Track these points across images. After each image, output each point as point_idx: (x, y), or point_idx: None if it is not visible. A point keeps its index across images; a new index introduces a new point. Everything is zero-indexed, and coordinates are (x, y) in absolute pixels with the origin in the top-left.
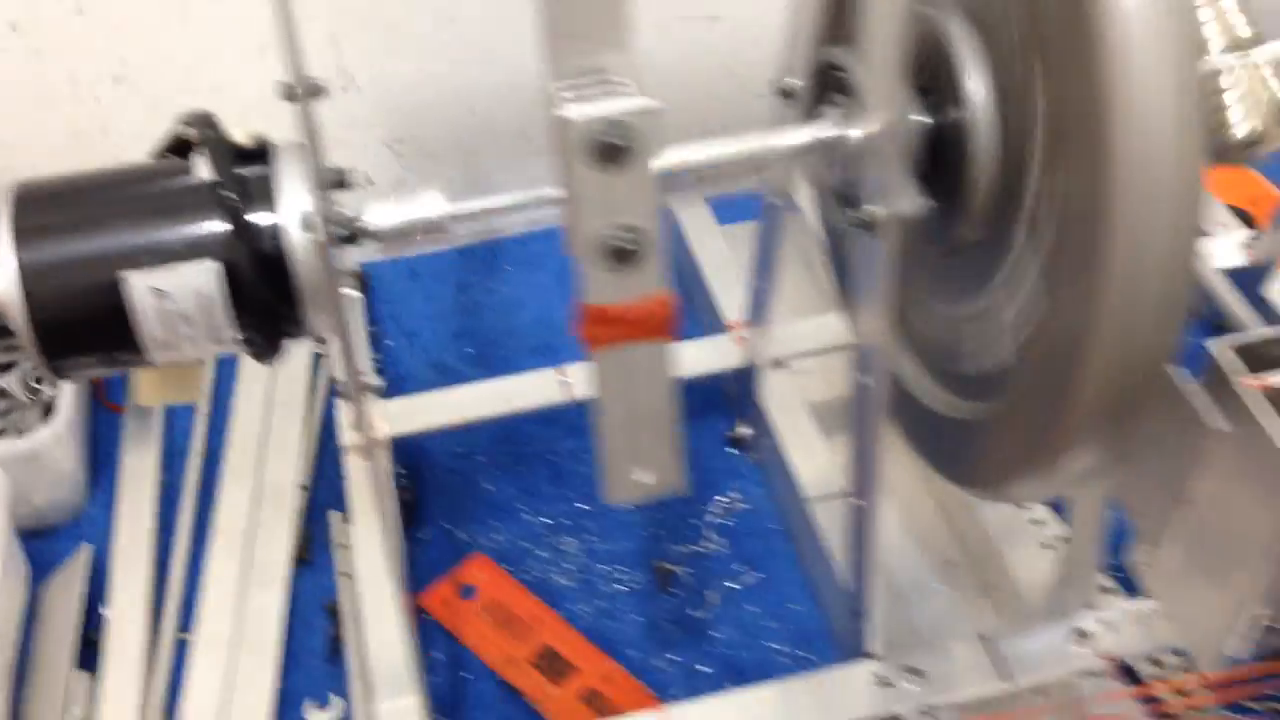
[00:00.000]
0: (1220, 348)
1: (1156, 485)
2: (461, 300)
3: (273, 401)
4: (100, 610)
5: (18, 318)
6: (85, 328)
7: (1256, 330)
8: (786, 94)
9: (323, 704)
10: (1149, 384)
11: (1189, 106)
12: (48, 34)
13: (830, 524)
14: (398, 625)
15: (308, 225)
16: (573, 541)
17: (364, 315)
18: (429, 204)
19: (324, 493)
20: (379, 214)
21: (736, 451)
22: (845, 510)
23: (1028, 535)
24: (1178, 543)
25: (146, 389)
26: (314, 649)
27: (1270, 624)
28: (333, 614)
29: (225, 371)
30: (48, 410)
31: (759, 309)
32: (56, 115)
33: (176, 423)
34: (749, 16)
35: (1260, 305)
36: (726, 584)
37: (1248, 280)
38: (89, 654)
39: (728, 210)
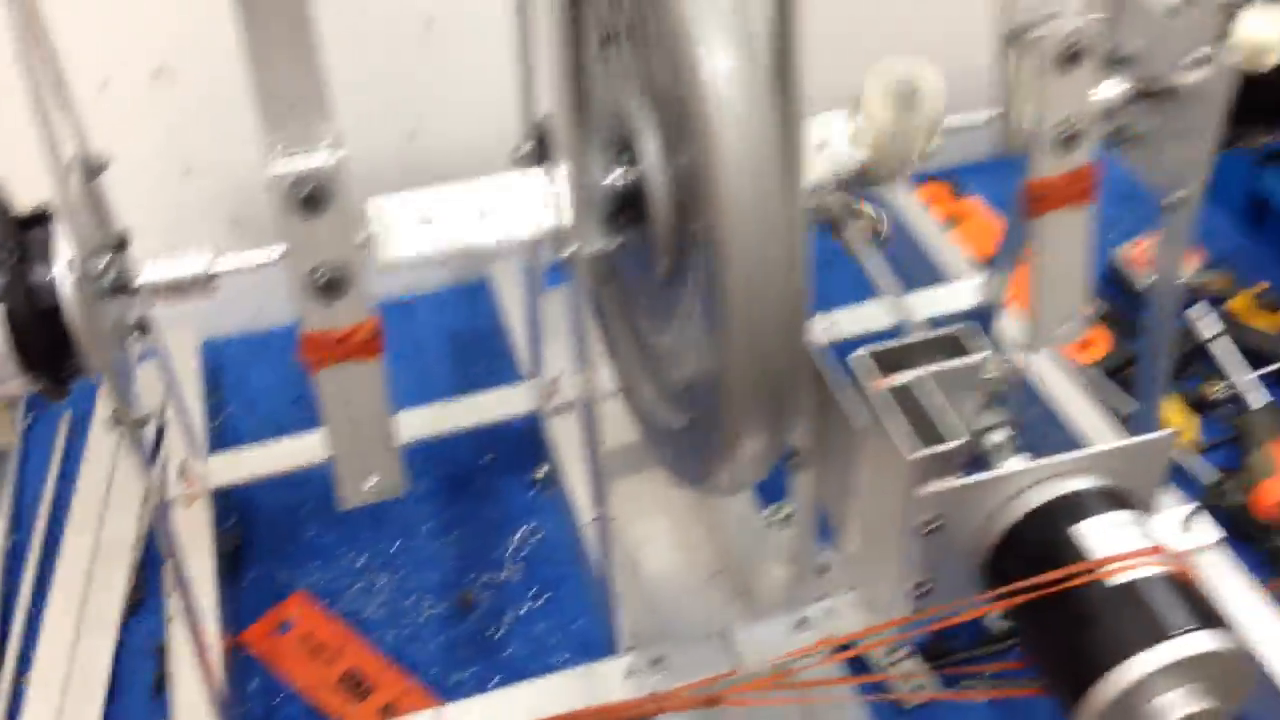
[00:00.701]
0: (858, 354)
1: (834, 479)
2: (300, 370)
3: (118, 456)
4: None
5: None
6: None
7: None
8: (521, 160)
9: None
10: (781, 389)
11: (778, 169)
12: None
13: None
14: (209, 661)
15: (77, 278)
16: (385, 576)
17: (203, 382)
18: (193, 261)
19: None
20: (150, 270)
21: (536, 490)
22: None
23: (774, 542)
24: (854, 528)
25: None
26: (142, 687)
27: (921, 590)
28: (159, 654)
29: (80, 427)
30: None
31: (537, 361)
32: None
33: (28, 475)
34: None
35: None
36: (521, 606)
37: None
38: None
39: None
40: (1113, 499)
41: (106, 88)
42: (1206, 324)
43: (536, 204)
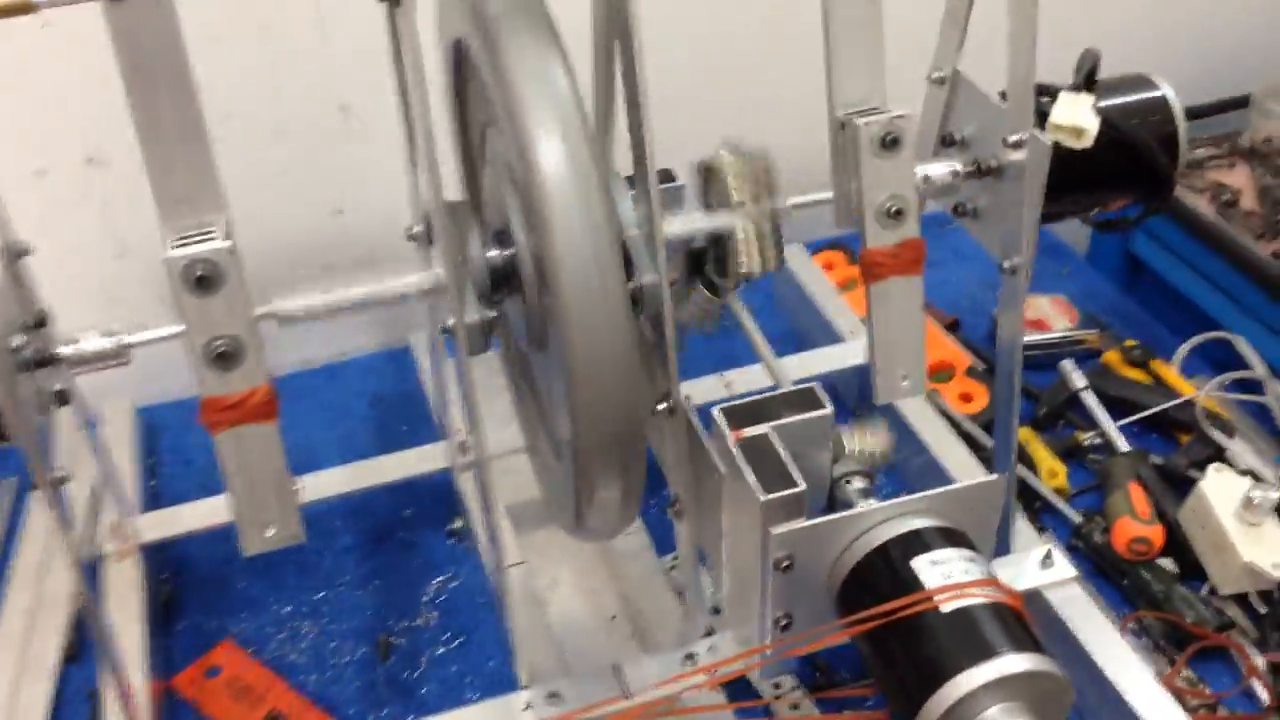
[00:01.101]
0: (716, 410)
1: (708, 524)
2: None
3: None
4: None
5: None
6: None
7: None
8: (414, 238)
9: None
10: (626, 446)
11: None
12: None
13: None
14: (134, 706)
15: None
16: (310, 623)
17: (139, 445)
18: (104, 338)
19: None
20: (68, 345)
21: (454, 541)
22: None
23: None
24: (727, 570)
25: None
26: None
27: (781, 622)
28: (92, 699)
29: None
30: None
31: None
32: None
33: None
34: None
35: None
36: (436, 649)
37: None
38: None
39: None
40: (949, 536)
41: (44, 176)
42: (1077, 376)
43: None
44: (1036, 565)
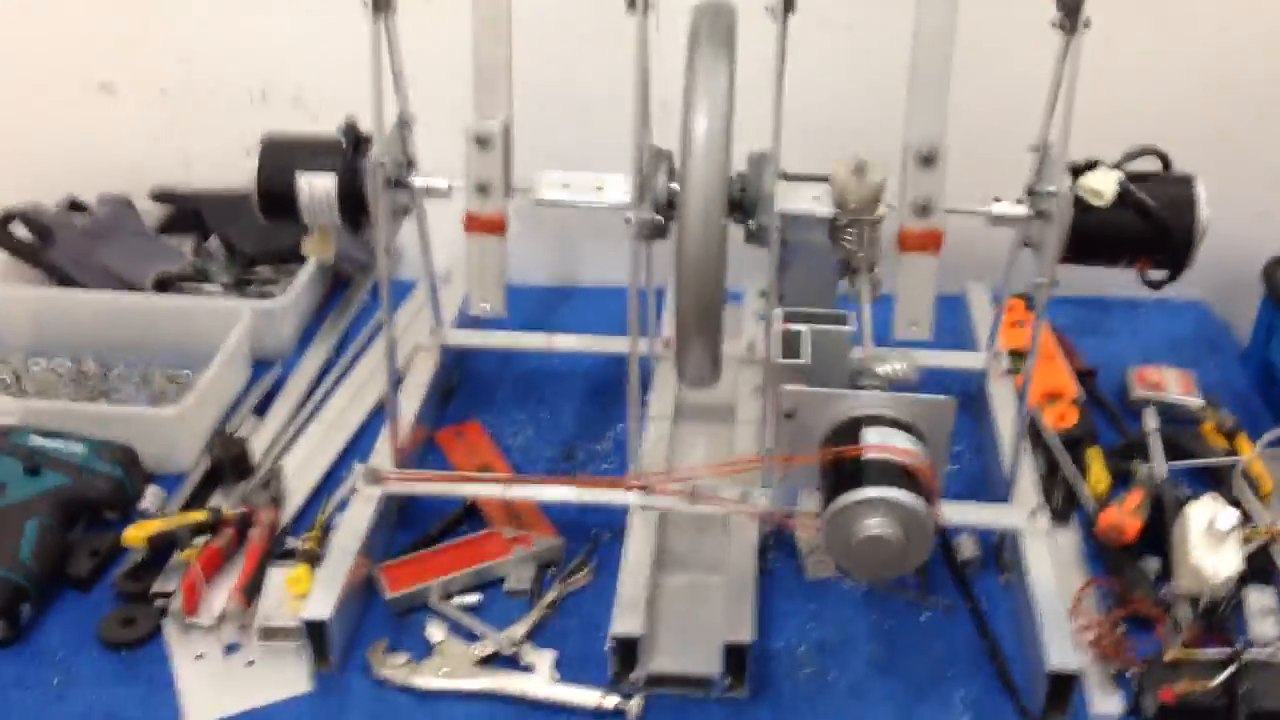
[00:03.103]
0: (778, 310)
1: (770, 396)
2: None
3: None
4: None
5: None
6: None
7: None
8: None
9: None
10: (708, 315)
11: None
12: None
13: None
14: (404, 436)
15: None
16: (532, 430)
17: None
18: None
19: None
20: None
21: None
22: None
23: None
24: (770, 420)
25: None
26: None
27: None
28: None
29: None
30: None
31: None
32: None
33: None
34: None
35: None
36: (601, 466)
37: None
38: None
39: None
40: (898, 424)
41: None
42: (1151, 420)
43: None
44: (1024, 514)
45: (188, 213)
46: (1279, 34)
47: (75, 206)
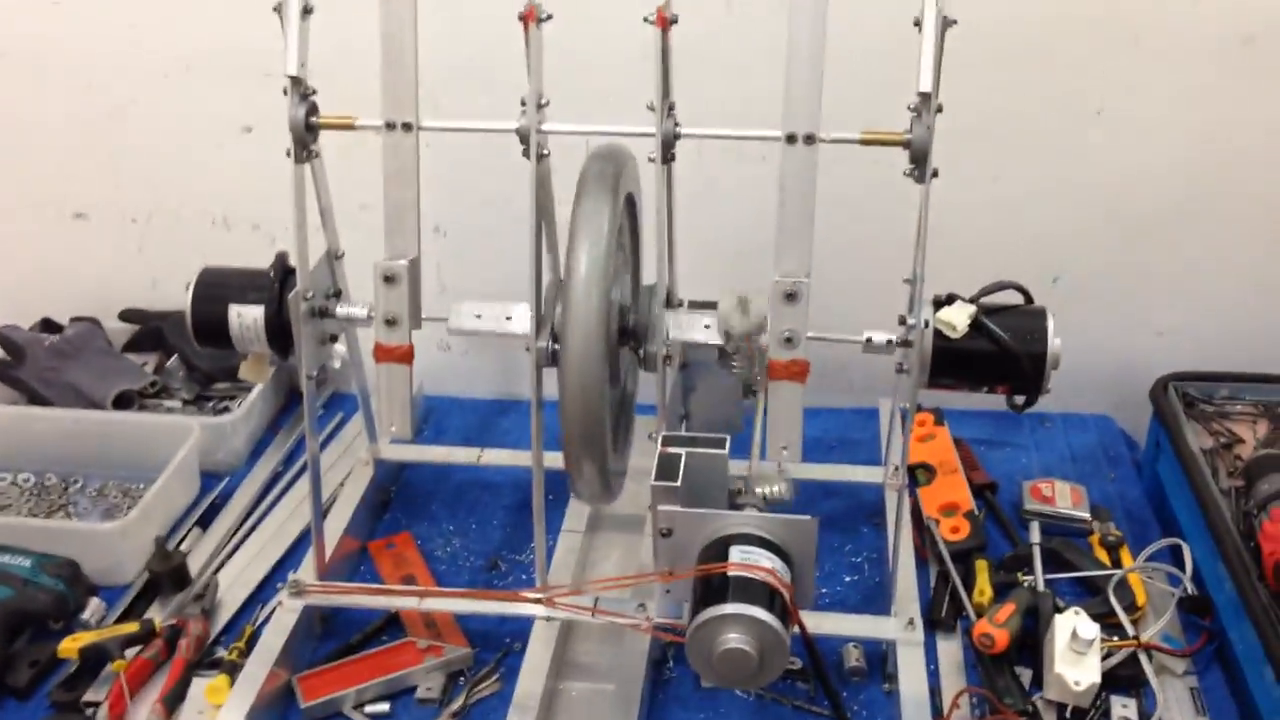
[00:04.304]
0: (661, 434)
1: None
2: None
3: None
4: None
5: None
6: None
7: None
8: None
9: None
10: (592, 441)
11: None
12: None
13: None
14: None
15: None
16: (458, 540)
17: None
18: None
19: None
20: (342, 307)
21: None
22: None
23: None
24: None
25: None
26: None
27: (666, 570)
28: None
29: None
30: None
31: None
32: None
33: None
34: None
35: None
36: (521, 578)
37: None
38: None
39: None
40: (764, 543)
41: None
42: (1036, 534)
43: None
44: (902, 625)
45: (151, 332)
46: (1171, 166)
47: (49, 326)
